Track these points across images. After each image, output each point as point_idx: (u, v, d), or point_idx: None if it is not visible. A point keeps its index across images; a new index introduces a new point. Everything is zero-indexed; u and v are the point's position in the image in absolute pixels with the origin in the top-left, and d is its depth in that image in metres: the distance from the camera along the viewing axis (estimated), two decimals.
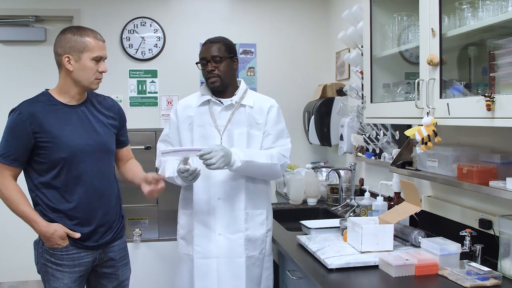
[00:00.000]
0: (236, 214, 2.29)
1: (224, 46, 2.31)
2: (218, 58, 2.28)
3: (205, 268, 2.28)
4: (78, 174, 2.04)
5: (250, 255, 2.30)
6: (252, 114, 2.34)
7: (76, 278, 2.08)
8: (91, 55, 2.02)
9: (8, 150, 2.00)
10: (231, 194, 2.29)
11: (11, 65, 3.95)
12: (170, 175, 2.28)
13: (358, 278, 1.80)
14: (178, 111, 2.39)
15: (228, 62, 2.32)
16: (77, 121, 2.07)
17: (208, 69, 2.29)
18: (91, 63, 2.03)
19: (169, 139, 2.40)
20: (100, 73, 2.08)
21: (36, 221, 2.00)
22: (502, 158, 1.77)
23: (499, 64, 1.60)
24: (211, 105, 2.34)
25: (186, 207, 2.38)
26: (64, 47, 2.02)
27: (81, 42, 2.01)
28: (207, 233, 2.30)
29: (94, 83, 2.07)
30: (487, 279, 1.65)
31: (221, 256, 2.28)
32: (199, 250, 2.30)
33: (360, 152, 3.14)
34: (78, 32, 2.03)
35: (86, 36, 2.03)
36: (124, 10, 3.87)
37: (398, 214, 2.12)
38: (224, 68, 2.30)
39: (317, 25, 4.10)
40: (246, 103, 2.35)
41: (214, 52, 2.29)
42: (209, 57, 2.29)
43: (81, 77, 2.04)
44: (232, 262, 2.28)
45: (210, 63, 2.29)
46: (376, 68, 2.33)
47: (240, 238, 2.29)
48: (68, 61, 2.02)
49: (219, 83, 2.30)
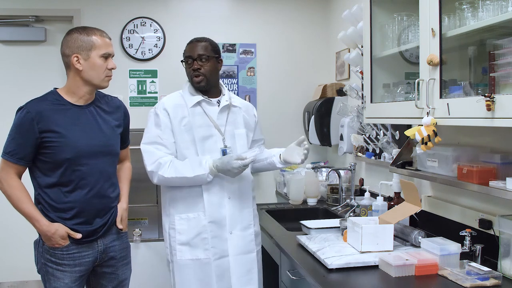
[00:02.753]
0: (245, 212, 2.36)
1: (210, 45, 2.31)
2: (205, 57, 2.28)
3: (222, 268, 2.30)
4: (82, 175, 2.04)
5: (257, 249, 2.41)
6: (245, 115, 2.43)
7: (77, 277, 2.07)
8: (99, 53, 2.03)
9: (14, 148, 2.00)
10: (239, 193, 2.34)
11: (11, 65, 3.94)
12: (198, 173, 2.19)
13: (358, 278, 1.80)
14: (170, 111, 2.29)
15: (213, 61, 2.31)
16: (85, 122, 2.07)
17: (194, 67, 2.28)
18: (100, 61, 2.04)
19: (162, 140, 2.26)
20: (110, 70, 2.08)
21: (38, 220, 2.00)
22: (502, 158, 1.77)
23: (499, 64, 1.60)
24: (204, 106, 2.32)
25: (187, 211, 2.29)
26: (71, 47, 2.03)
27: (88, 41, 2.02)
28: (220, 233, 2.30)
29: (104, 80, 2.08)
30: (487, 279, 1.65)
31: (234, 253, 2.31)
32: (216, 251, 2.29)
33: (360, 152, 3.14)
34: (85, 32, 2.04)
35: (93, 35, 2.04)
36: (124, 10, 3.87)
37: (398, 214, 2.12)
38: (210, 68, 2.29)
39: (317, 25, 4.10)
40: (236, 104, 2.41)
41: (201, 50, 2.28)
42: (195, 55, 2.28)
43: (92, 75, 2.04)
44: (246, 257, 2.35)
45: (196, 62, 2.28)
46: (376, 68, 2.33)
47: (251, 234, 2.37)
48: (77, 61, 2.02)
49: (205, 82, 2.29)
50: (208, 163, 2.21)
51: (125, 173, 2.34)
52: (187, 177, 2.20)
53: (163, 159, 2.25)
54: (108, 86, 2.13)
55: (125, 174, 2.34)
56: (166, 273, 3.48)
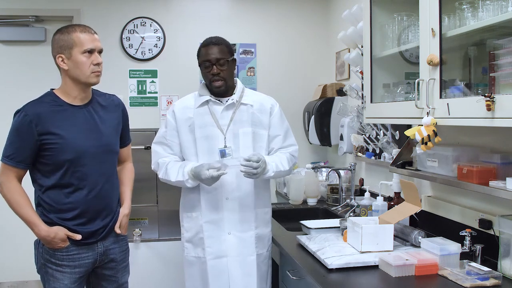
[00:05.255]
0: (246, 213, 2.32)
1: (226, 48, 2.30)
2: (223, 61, 2.26)
3: (218, 268, 2.29)
4: (82, 175, 2.04)
5: (259, 253, 2.35)
6: (255, 113, 2.35)
7: (76, 279, 2.07)
8: (80, 49, 2.00)
9: (13, 151, 2.00)
10: (238, 194, 2.30)
11: (11, 65, 3.94)
12: (179, 179, 2.26)
13: (358, 278, 1.80)
14: (176, 112, 2.35)
15: (231, 64, 2.31)
16: (83, 122, 2.07)
17: (213, 72, 2.25)
18: (82, 57, 2.01)
19: (167, 141, 2.35)
20: (96, 65, 2.04)
21: (37, 225, 2.00)
22: (502, 158, 1.77)
23: (499, 64, 1.60)
24: (210, 105, 2.33)
25: (191, 210, 2.35)
26: (55, 48, 2.03)
27: (68, 39, 2.00)
28: (217, 234, 2.30)
29: (91, 76, 2.04)
30: (487, 279, 1.65)
31: (232, 254, 2.30)
32: (211, 251, 2.30)
33: (360, 152, 3.14)
34: (66, 30, 2.03)
35: (73, 32, 2.01)
36: (124, 10, 3.87)
37: (398, 214, 2.12)
38: (228, 71, 2.29)
39: (317, 25, 4.10)
40: (247, 102, 2.35)
41: (219, 54, 2.25)
42: (214, 60, 2.25)
43: (77, 73, 2.02)
44: (244, 260, 2.31)
45: (216, 66, 2.25)
46: (376, 68, 2.33)
47: (251, 237, 2.32)
48: (62, 61, 2.02)
49: (225, 86, 2.29)
50: (186, 170, 2.24)
51: (127, 176, 2.32)
52: (171, 180, 2.29)
53: (162, 160, 2.35)
54: (99, 82, 2.09)
55: (128, 176, 2.32)
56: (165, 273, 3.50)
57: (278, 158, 2.33)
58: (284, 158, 2.35)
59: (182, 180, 2.25)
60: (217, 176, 2.15)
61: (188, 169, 2.23)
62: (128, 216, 2.24)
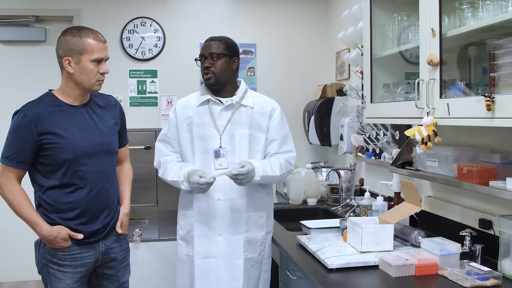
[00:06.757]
0: (236, 216, 2.28)
1: (224, 44, 2.31)
2: (215, 55, 2.28)
3: (205, 268, 2.28)
4: (82, 175, 2.04)
5: (249, 257, 2.30)
6: (254, 115, 2.32)
7: (78, 278, 2.07)
8: (90, 57, 1.99)
9: (13, 152, 1.99)
10: (231, 196, 2.28)
11: (11, 65, 3.95)
12: (174, 179, 2.27)
13: (358, 278, 1.80)
14: (177, 110, 2.37)
15: (225, 60, 2.29)
16: (82, 122, 2.07)
17: (204, 65, 2.29)
18: (91, 65, 2.00)
19: (168, 139, 2.37)
20: (102, 74, 2.05)
21: (39, 225, 1.99)
22: (502, 158, 1.77)
23: (499, 64, 1.60)
24: (210, 105, 2.33)
25: (185, 208, 2.37)
26: (64, 49, 2.00)
27: (80, 44, 1.98)
28: (207, 234, 2.29)
29: (95, 84, 2.05)
30: (487, 279, 1.65)
31: (220, 256, 2.28)
32: (199, 250, 2.30)
33: (360, 152, 3.14)
34: (78, 33, 2.00)
35: (86, 37, 1.99)
36: (124, 10, 3.87)
37: (398, 214, 2.12)
38: (220, 66, 2.28)
39: (317, 25, 4.10)
40: (247, 104, 2.33)
41: (212, 49, 2.29)
42: (206, 54, 2.29)
43: (82, 79, 2.02)
44: (231, 263, 2.28)
45: (207, 60, 2.29)
46: (376, 68, 2.33)
47: (240, 240, 2.29)
48: (68, 63, 2.00)
49: (214, 80, 2.29)
50: (183, 172, 2.23)
51: (125, 176, 2.33)
52: (168, 180, 2.31)
53: (163, 159, 2.37)
54: (100, 89, 2.11)
55: (126, 176, 2.33)
56: (165, 273, 3.50)
57: (269, 163, 2.27)
58: (277, 164, 2.28)
59: (178, 181, 2.26)
60: (204, 183, 2.11)
61: (185, 171, 2.23)
62: (128, 215, 2.24)
